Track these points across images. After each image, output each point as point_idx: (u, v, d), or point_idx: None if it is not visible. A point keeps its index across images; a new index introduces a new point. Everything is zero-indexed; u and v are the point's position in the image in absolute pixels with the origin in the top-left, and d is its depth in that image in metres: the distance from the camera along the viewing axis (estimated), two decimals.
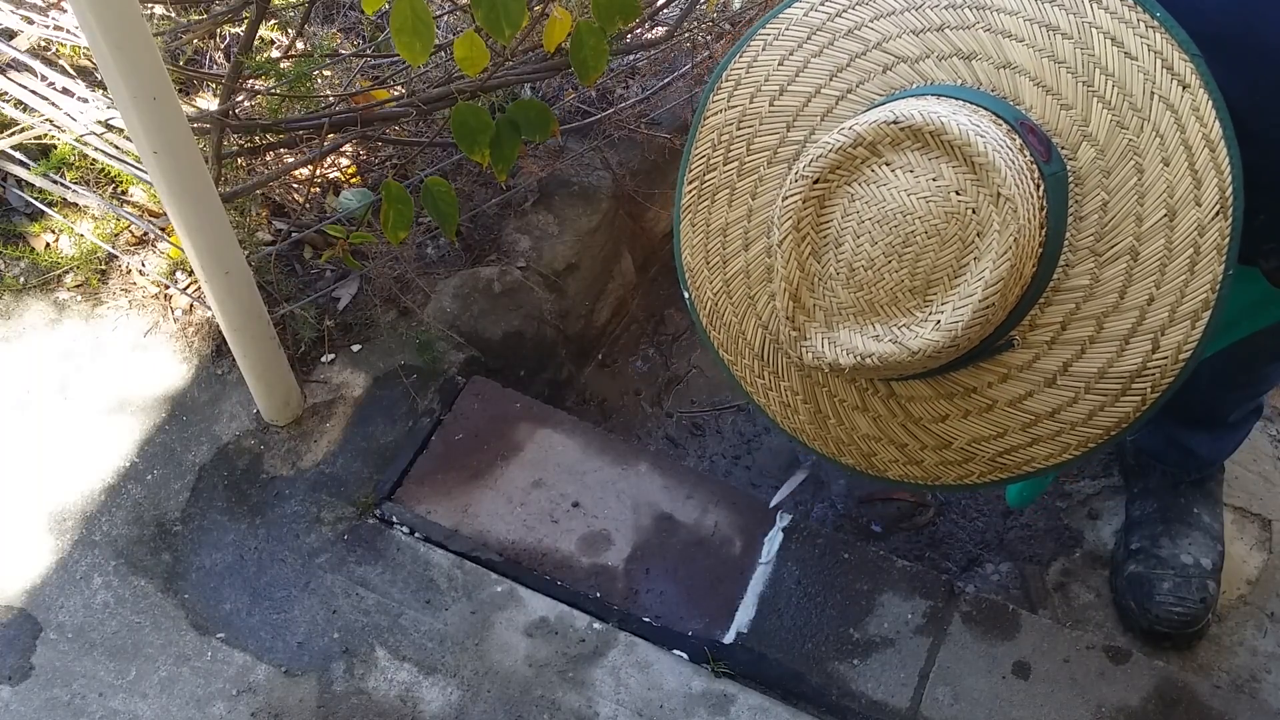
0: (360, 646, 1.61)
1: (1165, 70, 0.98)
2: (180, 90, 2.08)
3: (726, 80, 1.16)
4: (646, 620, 1.64)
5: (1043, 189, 0.95)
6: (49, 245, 2.03)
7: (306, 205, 2.02)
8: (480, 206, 2.09)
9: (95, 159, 1.88)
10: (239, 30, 2.11)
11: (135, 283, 1.99)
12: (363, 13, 2.12)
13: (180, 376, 1.88)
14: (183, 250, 1.66)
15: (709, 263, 1.18)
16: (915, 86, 1.06)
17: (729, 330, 1.19)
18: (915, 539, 1.94)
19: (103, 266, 2.00)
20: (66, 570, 1.69)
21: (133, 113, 1.33)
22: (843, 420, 1.15)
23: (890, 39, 1.08)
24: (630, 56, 2.29)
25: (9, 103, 1.92)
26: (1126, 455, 1.88)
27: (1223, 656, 1.73)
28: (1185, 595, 1.69)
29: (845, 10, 1.11)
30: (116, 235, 2.01)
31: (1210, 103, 0.96)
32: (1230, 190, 0.94)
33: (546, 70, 1.96)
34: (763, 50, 1.14)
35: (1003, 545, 1.91)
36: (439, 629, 1.62)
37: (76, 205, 2.02)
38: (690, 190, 1.18)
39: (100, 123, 1.84)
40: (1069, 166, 0.99)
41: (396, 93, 2.02)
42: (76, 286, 1.99)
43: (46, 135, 1.93)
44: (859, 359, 0.99)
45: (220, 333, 1.79)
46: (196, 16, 1.95)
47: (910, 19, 1.07)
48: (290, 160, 1.98)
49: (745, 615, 1.65)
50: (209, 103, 2.07)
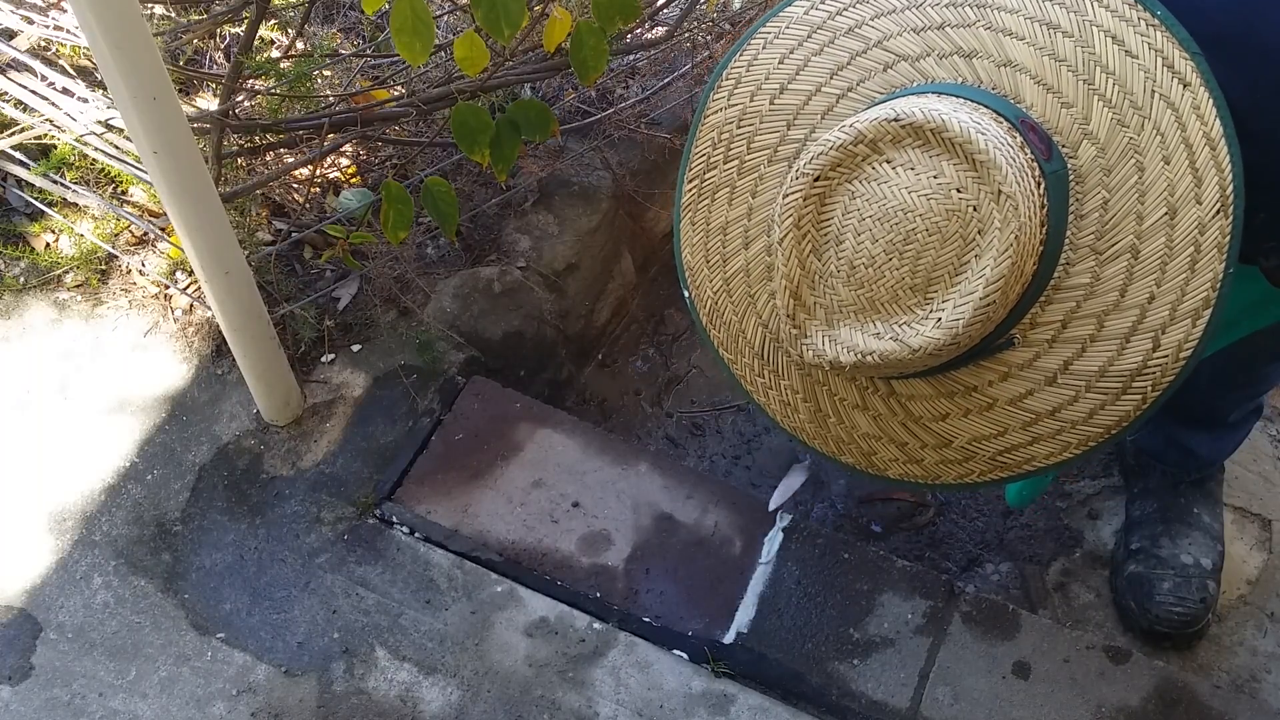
0: (360, 646, 1.61)
1: (1166, 68, 0.98)
2: (180, 90, 2.08)
3: (727, 78, 1.16)
4: (646, 620, 1.64)
5: (1043, 187, 0.95)
6: (49, 245, 2.03)
7: (306, 205, 2.02)
8: (480, 206, 2.09)
9: (95, 159, 1.88)
10: (239, 30, 2.10)
11: (135, 283, 1.99)
12: (363, 13, 2.12)
13: (180, 376, 1.88)
14: (183, 250, 1.66)
15: (709, 261, 1.18)
16: (916, 84, 1.06)
17: (729, 329, 1.19)
18: (915, 539, 1.94)
19: (103, 266, 2.00)
20: (66, 570, 1.69)
21: (133, 113, 1.33)
22: (843, 419, 1.15)
23: (891, 37, 1.08)
24: (630, 56, 2.29)
25: (9, 103, 1.92)
26: (1126, 455, 1.88)
27: (1223, 656, 1.73)
28: (1185, 595, 1.69)
29: (846, 8, 1.11)
30: (116, 235, 2.01)
31: (1211, 101, 0.96)
32: (1231, 188, 0.95)
33: (546, 70, 1.96)
34: (763, 48, 1.14)
35: (1003, 545, 1.91)
36: (439, 629, 1.62)
37: (76, 205, 2.02)
38: (690, 189, 1.18)
39: (100, 123, 1.84)
40: (1070, 164, 0.99)
41: (396, 93, 2.02)
42: (76, 286, 1.99)
43: (46, 135, 1.93)
44: (860, 357, 0.99)
45: (220, 333, 1.79)
46: (196, 16, 1.95)
47: (911, 17, 1.07)
48: (290, 160, 1.98)
49: (745, 615, 1.64)
50: (209, 103, 2.07)
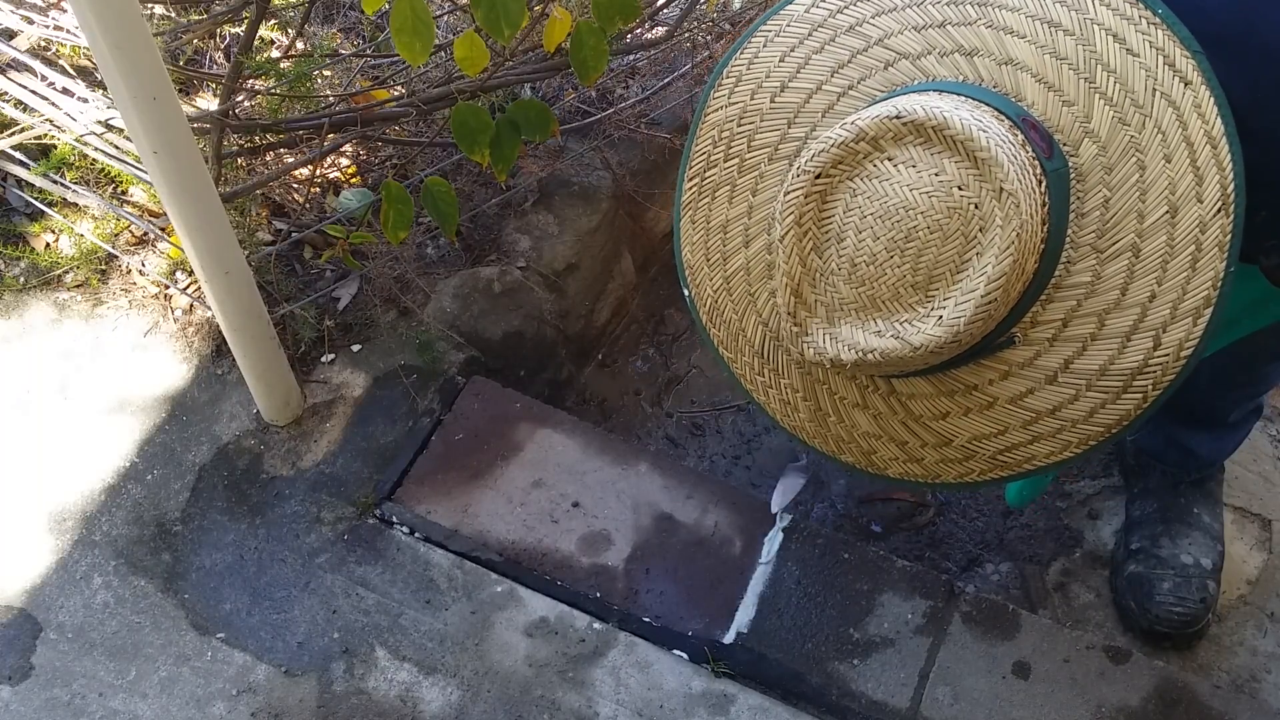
0: (360, 646, 1.61)
1: (1167, 67, 0.97)
2: (180, 90, 2.08)
3: (727, 77, 1.16)
4: (646, 620, 1.64)
5: (1045, 185, 0.95)
6: (49, 245, 2.03)
7: (306, 205, 2.02)
8: (480, 206, 2.09)
9: (95, 159, 1.88)
10: (239, 30, 2.10)
11: (135, 283, 1.99)
12: (363, 13, 2.12)
13: (180, 376, 1.88)
14: (183, 250, 1.66)
15: (709, 260, 1.18)
16: (917, 82, 1.06)
17: (729, 328, 1.19)
18: (915, 539, 1.94)
19: (103, 266, 2.00)
20: (66, 570, 1.69)
21: (133, 113, 1.33)
22: (843, 418, 1.15)
23: (892, 35, 1.08)
24: (630, 56, 2.29)
25: (9, 103, 1.92)
26: (1126, 455, 1.87)
27: (1223, 656, 1.73)
28: (1185, 595, 1.69)
29: (847, 6, 1.10)
30: (116, 235, 2.01)
31: (1212, 99, 0.96)
32: (1232, 187, 0.94)
33: (546, 70, 1.96)
34: (764, 46, 1.14)
35: (1003, 545, 1.91)
36: (439, 629, 1.62)
37: (76, 205, 2.02)
38: (690, 187, 1.18)
39: (100, 123, 1.84)
40: (1071, 163, 0.99)
41: (396, 93, 2.02)
42: (76, 286, 1.99)
43: (46, 135, 1.93)
44: (861, 354, 0.99)
45: (220, 333, 1.79)
46: (196, 16, 1.95)
47: (912, 15, 1.07)
48: (290, 160, 1.98)
49: (745, 615, 1.64)
50: (209, 103, 2.07)
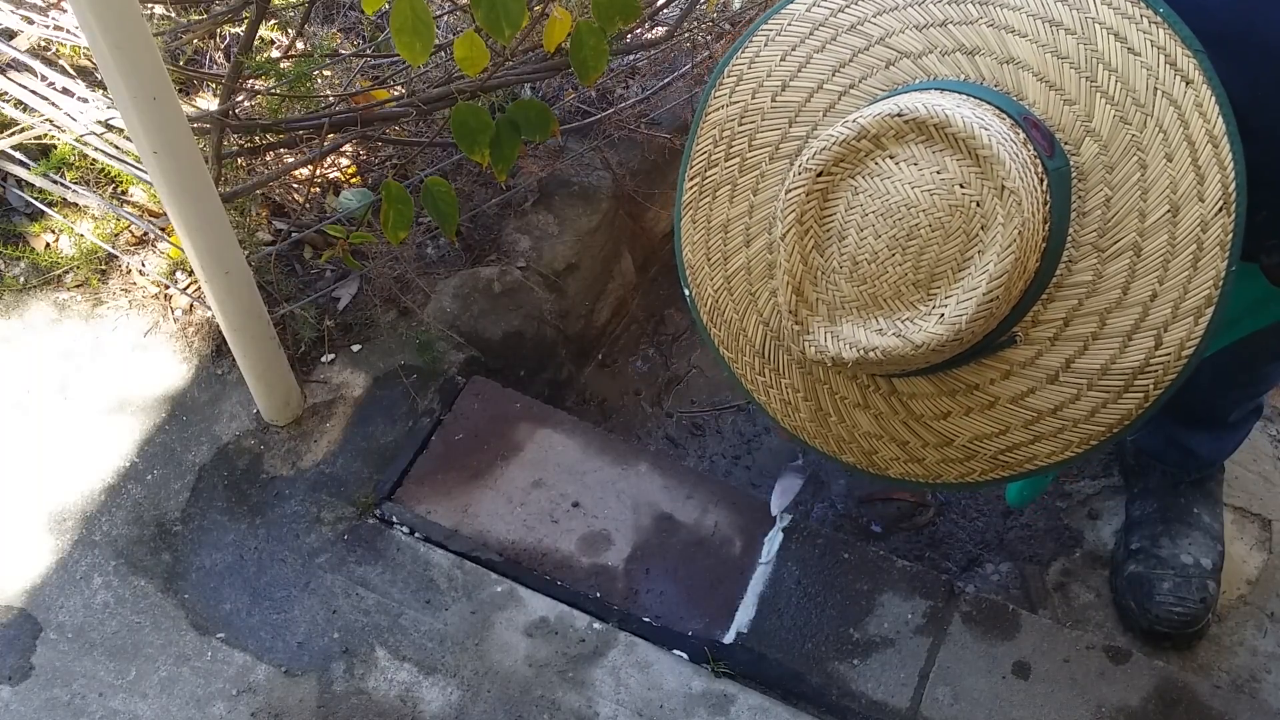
0: (360, 646, 1.61)
1: (1168, 66, 0.97)
2: (180, 90, 2.08)
3: (728, 76, 1.16)
4: (646, 620, 1.64)
5: (1046, 183, 0.95)
6: (49, 245, 2.03)
7: (306, 205, 2.02)
8: (480, 206, 2.09)
9: (95, 159, 1.88)
10: (239, 30, 2.10)
11: (135, 283, 1.99)
12: (363, 13, 2.12)
13: (180, 376, 1.88)
14: (183, 250, 1.66)
15: (710, 259, 1.18)
16: (918, 81, 1.06)
17: (730, 327, 1.19)
18: (915, 539, 1.94)
19: (103, 266, 2.00)
20: (66, 570, 1.68)
21: (133, 113, 1.33)
22: (844, 418, 1.15)
23: (893, 34, 1.08)
24: (630, 56, 2.29)
25: (9, 103, 1.92)
26: (1126, 455, 1.87)
27: (1223, 656, 1.73)
28: (1185, 595, 1.69)
29: (848, 5, 1.10)
30: (116, 235, 2.01)
31: (1213, 98, 0.96)
32: (1233, 186, 0.94)
33: (546, 70, 1.96)
34: (765, 46, 1.14)
35: (1003, 545, 1.91)
36: (439, 629, 1.62)
37: (76, 205, 2.02)
38: (691, 186, 1.18)
39: (100, 123, 1.84)
40: (1072, 162, 0.99)
41: (396, 93, 2.02)
42: (76, 286, 1.99)
43: (46, 135, 1.93)
44: (862, 353, 0.99)
45: (220, 333, 1.79)
46: (196, 16, 1.95)
47: (913, 14, 1.07)
48: (290, 160, 1.98)
49: (745, 615, 1.64)
50: (209, 103, 2.07)
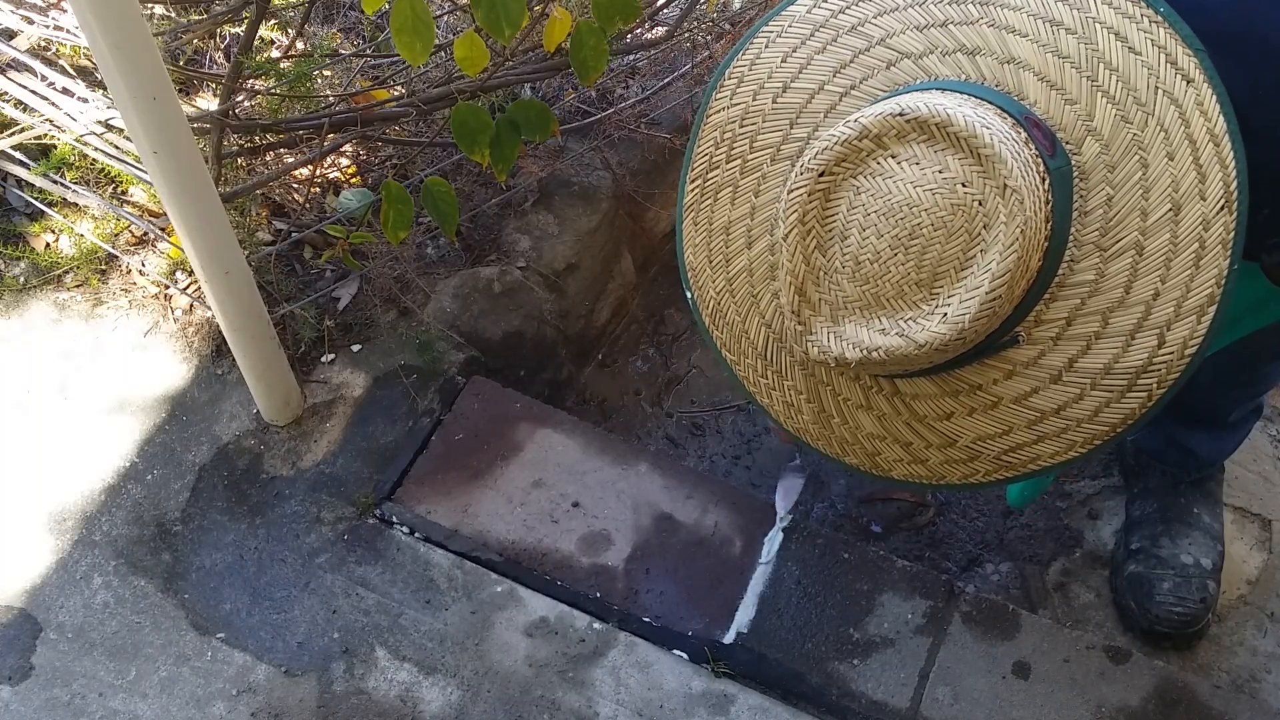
0: (360, 646, 1.60)
1: (1169, 65, 0.97)
2: (180, 90, 2.08)
3: (729, 78, 1.16)
4: (646, 620, 1.64)
5: (1048, 183, 0.95)
6: (49, 245, 2.03)
7: (306, 205, 2.02)
8: (480, 206, 2.09)
9: (95, 159, 1.88)
10: (239, 30, 2.10)
11: (135, 283, 1.99)
12: (363, 13, 2.12)
13: (180, 376, 1.88)
14: (183, 250, 1.66)
15: (711, 261, 1.18)
16: (919, 82, 1.06)
17: (732, 330, 1.19)
18: (915, 539, 1.94)
19: (103, 266, 2.00)
20: (66, 570, 1.68)
21: (133, 113, 1.33)
22: (847, 419, 1.15)
23: (893, 35, 1.08)
24: (630, 56, 2.29)
25: (9, 103, 1.92)
26: (1126, 455, 1.88)
27: (1223, 656, 1.73)
28: (1185, 595, 1.69)
29: (848, 6, 1.10)
30: (116, 235, 2.01)
31: (1214, 97, 0.96)
32: (1235, 185, 0.94)
33: (546, 70, 1.96)
34: (765, 47, 1.14)
35: (1003, 545, 1.91)
36: (439, 629, 1.62)
37: (76, 205, 2.02)
38: (693, 189, 1.18)
39: (100, 123, 1.84)
40: (1073, 161, 0.99)
41: (396, 93, 2.02)
42: (76, 286, 1.99)
43: (46, 135, 1.93)
44: (865, 353, 0.99)
45: (220, 333, 1.79)
46: (196, 16, 1.95)
47: (914, 15, 1.07)
48: (290, 160, 1.98)
49: (745, 615, 1.64)
50: (209, 103, 2.07)
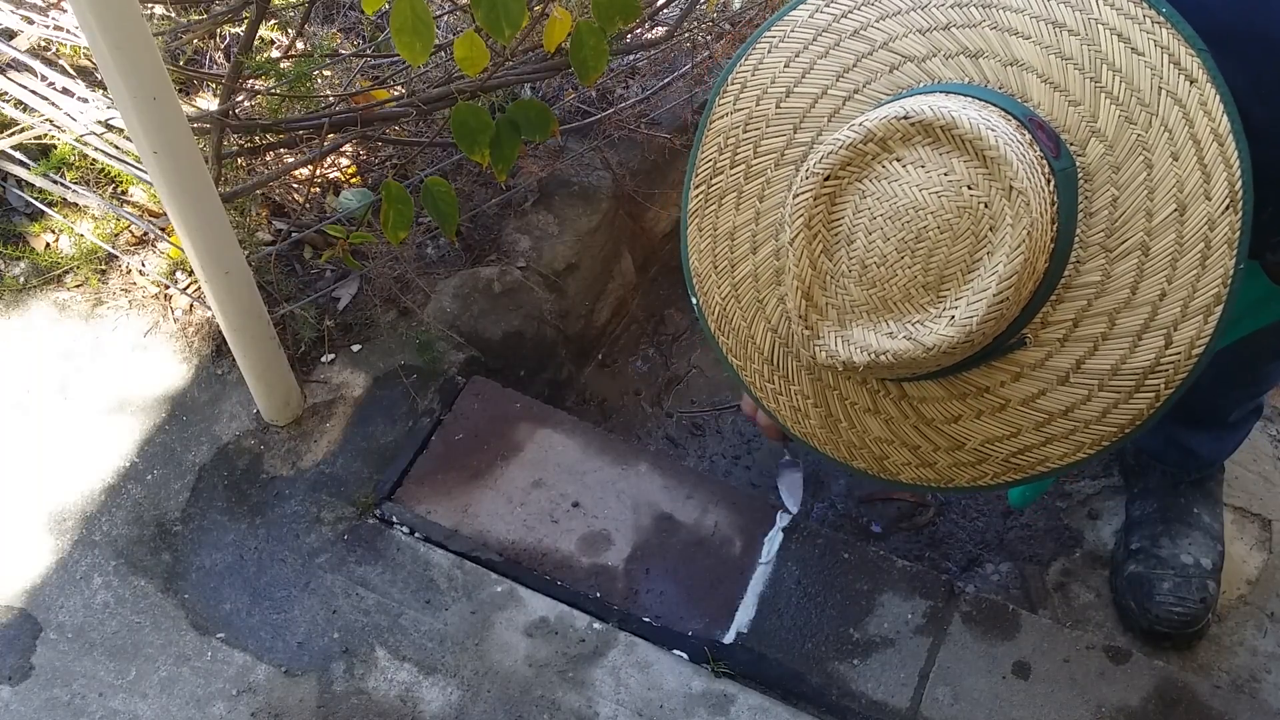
0: (360, 646, 1.60)
1: (1172, 65, 0.98)
2: (180, 90, 2.07)
3: (732, 83, 1.16)
4: (646, 620, 1.64)
5: (1053, 184, 0.95)
6: (49, 245, 2.03)
7: (306, 205, 2.02)
8: (480, 206, 2.09)
9: (95, 159, 1.87)
10: (239, 30, 2.10)
11: (135, 283, 1.98)
12: (363, 13, 2.12)
13: (180, 376, 1.88)
14: (183, 250, 1.66)
15: (717, 267, 1.18)
16: (923, 85, 1.06)
17: (738, 335, 1.19)
18: (915, 539, 1.94)
19: (103, 266, 2.00)
20: (66, 570, 1.68)
21: (133, 113, 1.33)
22: (854, 423, 1.15)
23: (896, 39, 1.08)
24: (630, 56, 2.29)
25: (9, 103, 1.91)
26: (1126, 455, 1.88)
27: (1223, 656, 1.73)
28: (1185, 595, 1.69)
29: (851, 11, 1.10)
30: (116, 235, 2.00)
31: (1218, 97, 0.96)
32: (1240, 184, 0.94)
33: (546, 70, 1.96)
34: (768, 52, 1.14)
35: (1003, 545, 1.91)
36: (439, 629, 1.62)
37: (76, 205, 2.01)
38: (696, 194, 1.18)
39: (100, 123, 1.83)
40: (1078, 163, 0.99)
41: (396, 93, 2.02)
42: (76, 286, 1.98)
43: (46, 135, 1.92)
44: (873, 356, 0.99)
45: (220, 333, 1.79)
46: (196, 16, 1.95)
47: (916, 18, 1.07)
48: (290, 160, 1.98)
49: (745, 615, 1.64)
50: (209, 103, 2.07)
